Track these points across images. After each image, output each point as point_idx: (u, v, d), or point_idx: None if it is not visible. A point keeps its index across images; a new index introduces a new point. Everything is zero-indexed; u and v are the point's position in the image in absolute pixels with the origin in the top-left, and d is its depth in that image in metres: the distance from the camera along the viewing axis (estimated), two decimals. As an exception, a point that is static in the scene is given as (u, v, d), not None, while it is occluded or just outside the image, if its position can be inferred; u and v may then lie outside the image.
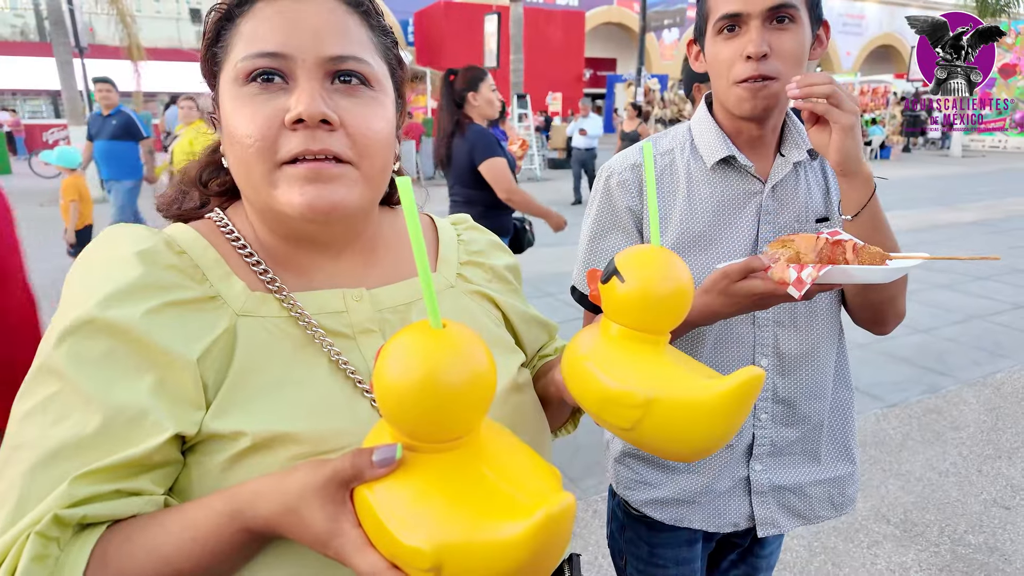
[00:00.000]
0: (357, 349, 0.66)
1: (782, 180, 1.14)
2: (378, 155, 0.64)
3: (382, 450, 0.47)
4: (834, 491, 1.25)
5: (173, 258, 0.62)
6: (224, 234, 0.68)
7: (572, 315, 4.95)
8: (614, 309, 0.60)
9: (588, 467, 2.95)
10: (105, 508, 0.52)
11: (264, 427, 0.56)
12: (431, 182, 13.60)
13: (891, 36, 31.92)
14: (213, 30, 0.64)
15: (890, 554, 2.42)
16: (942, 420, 3.43)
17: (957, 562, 2.37)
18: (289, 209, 0.61)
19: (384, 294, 0.71)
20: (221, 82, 0.64)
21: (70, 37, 11.23)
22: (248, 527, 0.51)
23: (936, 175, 14.85)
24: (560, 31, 23.43)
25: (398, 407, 0.46)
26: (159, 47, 21.72)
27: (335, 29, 0.62)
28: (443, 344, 0.46)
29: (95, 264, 0.61)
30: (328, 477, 0.48)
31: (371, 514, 0.47)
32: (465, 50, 20.92)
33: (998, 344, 4.45)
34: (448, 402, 0.45)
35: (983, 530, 2.54)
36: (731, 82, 1.05)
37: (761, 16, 1.00)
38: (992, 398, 3.68)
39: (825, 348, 1.18)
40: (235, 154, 0.62)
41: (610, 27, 27.64)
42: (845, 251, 0.89)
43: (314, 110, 0.58)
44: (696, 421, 0.54)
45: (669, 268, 0.59)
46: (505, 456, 0.51)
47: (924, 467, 2.99)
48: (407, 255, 0.76)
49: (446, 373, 0.45)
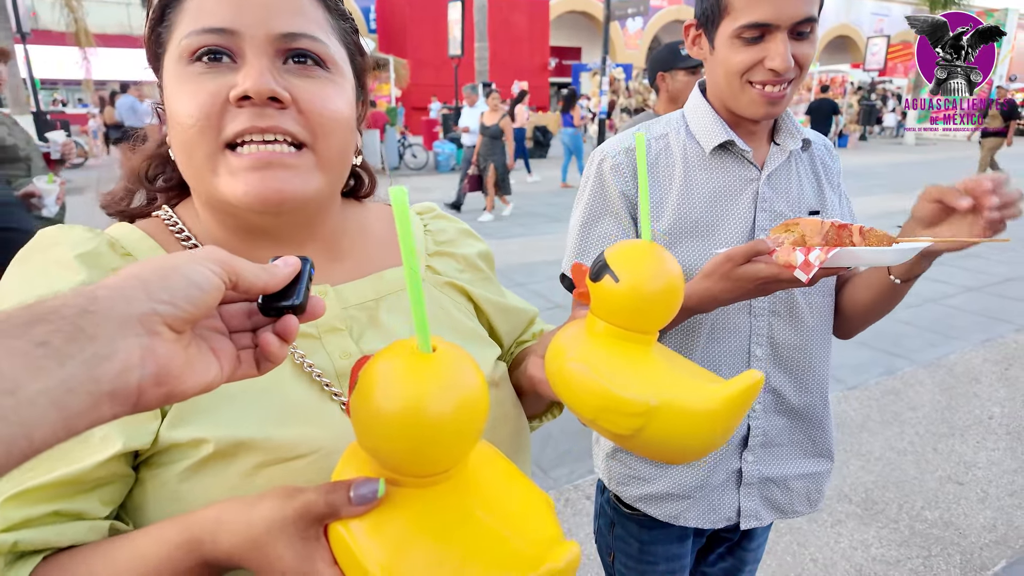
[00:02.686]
0: (323, 349, 0.62)
1: (777, 168, 1.13)
2: (335, 136, 0.60)
3: (361, 486, 0.43)
4: (812, 487, 1.26)
5: (117, 260, 0.58)
6: (173, 233, 0.64)
7: (544, 305, 4.96)
8: (605, 308, 0.57)
9: (559, 456, 2.95)
10: (41, 534, 0.48)
11: (227, 433, 0.53)
12: (396, 172, 13.43)
13: (847, 27, 32.67)
14: (158, 8, 0.59)
15: (852, 532, 2.49)
16: (900, 401, 3.54)
17: (915, 537, 2.45)
18: (234, 199, 0.57)
19: (350, 290, 0.67)
20: (165, 64, 0.60)
21: (12, 22, 10.69)
22: (206, 560, 0.46)
23: (891, 162, 15.33)
24: (525, 19, 23.31)
25: (380, 438, 0.41)
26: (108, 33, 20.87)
27: (288, 6, 0.58)
28: (433, 371, 0.41)
29: (32, 269, 0.56)
30: (300, 512, 0.44)
31: (349, 555, 0.42)
32: (429, 38, 20.67)
33: (951, 326, 4.61)
34: (437, 435, 0.41)
35: (939, 506, 2.64)
36: (745, 80, 1.03)
37: (788, 28, 0.99)
38: (946, 379, 3.81)
39: (817, 342, 1.18)
40: (176, 138, 0.58)
41: (574, 15, 27.59)
42: (852, 234, 0.87)
43: (262, 86, 0.54)
44: (698, 427, 0.52)
45: (661, 265, 0.56)
46: (496, 487, 0.48)
47: (883, 447, 3.08)
48: (373, 250, 0.73)
49: (436, 403, 0.40)
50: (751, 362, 1.15)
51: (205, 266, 0.39)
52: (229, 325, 0.44)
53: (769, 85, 1.02)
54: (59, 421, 0.31)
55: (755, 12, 0.99)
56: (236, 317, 0.45)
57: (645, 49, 28.28)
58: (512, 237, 7.42)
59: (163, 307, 0.36)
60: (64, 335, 0.32)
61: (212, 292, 0.39)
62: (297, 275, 0.45)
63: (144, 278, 0.36)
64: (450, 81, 13.49)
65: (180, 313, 0.37)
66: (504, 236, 7.43)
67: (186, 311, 0.37)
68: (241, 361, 0.43)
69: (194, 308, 0.38)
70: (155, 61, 0.62)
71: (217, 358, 0.41)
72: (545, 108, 23.53)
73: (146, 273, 0.37)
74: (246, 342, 0.45)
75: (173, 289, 0.37)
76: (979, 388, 3.68)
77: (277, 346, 0.44)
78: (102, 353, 0.33)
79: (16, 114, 10.27)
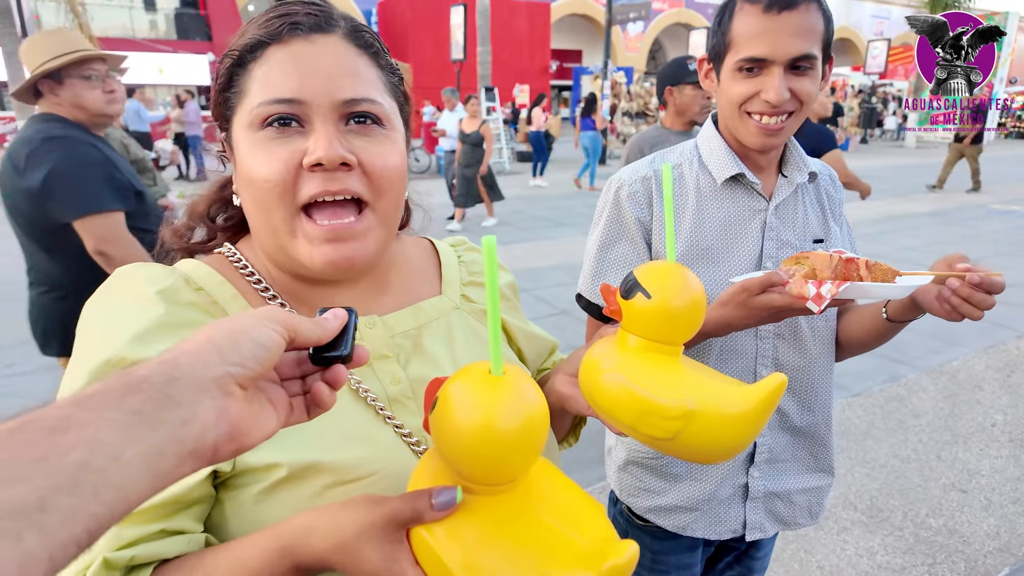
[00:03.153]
0: (374, 375, 0.67)
1: (784, 200, 1.19)
2: (393, 191, 0.66)
3: (442, 493, 0.48)
4: (813, 500, 1.31)
5: (192, 295, 0.63)
6: (237, 268, 0.69)
7: (548, 311, 4.99)
8: (636, 322, 0.62)
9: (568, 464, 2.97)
10: (152, 548, 0.53)
11: (298, 457, 0.58)
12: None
13: (847, 30, 32.74)
14: (226, 75, 0.64)
15: (858, 539, 2.52)
16: (903, 408, 3.58)
17: (920, 544, 2.48)
18: (311, 264, 0.63)
19: (395, 320, 0.72)
20: (235, 125, 0.64)
21: (16, 26, 10.73)
22: (299, 563, 0.51)
23: (892, 165, 15.35)
24: (526, 22, 23.36)
25: (459, 451, 0.47)
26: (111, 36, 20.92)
27: (347, 71, 0.63)
28: (504, 392, 0.47)
29: (115, 305, 0.61)
30: (387, 518, 0.49)
31: (432, 556, 0.47)
32: (431, 42, 20.70)
33: (952, 332, 4.64)
34: (508, 448, 0.46)
35: (943, 513, 2.67)
36: (743, 111, 1.09)
37: (784, 64, 1.04)
38: (948, 385, 3.85)
39: (820, 364, 1.24)
40: (252, 197, 0.63)
41: (575, 19, 27.66)
42: (859, 268, 0.93)
43: (333, 154, 0.60)
44: (732, 429, 0.57)
45: (688, 283, 0.62)
46: (556, 495, 0.53)
47: (888, 454, 3.11)
48: (412, 281, 0.78)
49: (507, 420, 0.46)
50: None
51: (269, 327, 0.43)
52: (281, 374, 0.48)
53: (766, 116, 1.08)
54: (151, 481, 0.35)
55: (752, 48, 1.06)
56: (287, 366, 0.49)
57: (646, 52, 28.33)
58: (516, 242, 7.45)
59: (235, 369, 0.40)
60: (155, 403, 0.35)
61: (275, 350, 0.43)
62: (345, 326, 0.49)
63: (217, 342, 0.40)
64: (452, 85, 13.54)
65: (249, 372, 0.41)
66: (508, 241, 7.46)
67: (254, 370, 0.41)
68: (293, 408, 0.48)
69: (260, 367, 0.42)
70: (223, 121, 0.66)
71: (274, 408, 0.45)
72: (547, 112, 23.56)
73: (218, 337, 0.41)
74: (296, 389, 0.49)
75: (243, 351, 0.41)
76: (982, 395, 3.71)
77: (328, 394, 0.48)
78: (186, 417, 0.36)
79: (21, 117, 10.31)
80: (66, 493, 0.30)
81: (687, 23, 27.82)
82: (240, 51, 0.63)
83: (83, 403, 0.33)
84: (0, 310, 5.02)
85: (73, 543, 0.30)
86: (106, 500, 0.32)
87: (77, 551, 0.31)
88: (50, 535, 0.29)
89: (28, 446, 0.30)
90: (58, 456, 0.31)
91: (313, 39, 0.63)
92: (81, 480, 0.31)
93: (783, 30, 1.03)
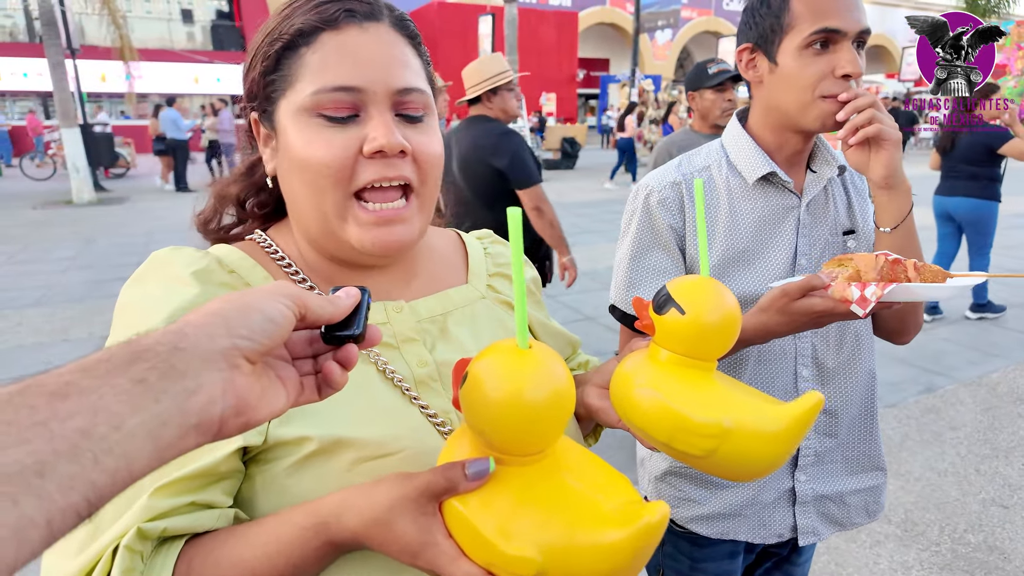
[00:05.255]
0: (401, 358, 0.68)
1: (815, 196, 1.16)
2: (436, 178, 0.69)
3: (475, 464, 0.49)
4: (869, 499, 1.27)
5: (226, 277, 0.64)
6: (269, 254, 0.70)
7: (573, 316, 4.97)
8: (670, 338, 0.61)
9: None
10: (183, 521, 0.54)
11: (328, 432, 0.58)
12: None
13: (882, 37, 32.14)
14: (273, 57, 0.65)
15: (892, 553, 2.45)
16: (940, 420, 3.47)
17: (958, 561, 2.40)
18: (360, 248, 0.65)
19: (421, 305, 0.73)
20: (281, 109, 0.65)
21: (62, 38, 11.13)
22: (332, 540, 0.52)
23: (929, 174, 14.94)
24: (553, 31, 23.44)
25: (490, 422, 0.48)
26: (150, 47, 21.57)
27: (399, 60, 0.64)
28: (532, 363, 0.48)
29: (152, 285, 0.62)
30: (421, 490, 0.49)
31: (467, 525, 0.48)
32: (459, 51, 20.89)
33: (993, 344, 4.50)
34: (537, 415, 0.47)
35: (982, 529, 2.58)
36: (816, 96, 1.04)
37: (854, 37, 1.02)
38: (988, 398, 3.72)
39: (860, 360, 1.21)
40: (306, 180, 0.64)
41: (603, 27, 27.68)
42: (907, 269, 0.90)
43: (394, 141, 0.61)
44: (767, 447, 0.57)
45: (723, 298, 0.61)
46: (583, 465, 0.54)
47: (923, 467, 3.02)
48: (439, 269, 0.79)
49: (536, 389, 0.47)
50: (798, 382, 1.18)
51: (279, 301, 0.42)
52: (292, 353, 0.48)
53: (844, 95, 1.02)
54: (154, 452, 0.34)
55: (826, 18, 1.01)
56: (298, 345, 0.48)
57: (674, 60, 28.18)
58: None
59: (242, 341, 0.39)
60: (159, 372, 0.35)
61: (285, 325, 0.42)
62: (357, 305, 0.49)
63: (225, 314, 0.40)
64: (480, 93, 13.70)
65: (257, 347, 0.40)
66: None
67: (262, 344, 0.40)
68: (304, 387, 0.47)
69: (269, 341, 0.41)
70: (264, 101, 0.67)
71: (283, 385, 0.44)
72: (573, 120, 23.59)
73: (227, 310, 0.40)
74: (307, 368, 0.48)
75: (251, 324, 0.40)
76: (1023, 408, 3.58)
77: (339, 374, 0.47)
78: (190, 387, 0.36)
79: (64, 126, 10.68)
80: (66, 459, 0.29)
81: (716, 31, 27.60)
82: (292, 35, 0.63)
83: (86, 370, 0.33)
84: (37, 313, 5.20)
85: (72, 511, 0.29)
86: (107, 468, 0.31)
87: (76, 520, 0.30)
88: (47, 501, 0.28)
89: (28, 409, 0.30)
90: (59, 421, 0.30)
91: (367, 27, 0.64)
92: (81, 447, 0.30)
93: (851, 1, 1.00)
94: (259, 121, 0.69)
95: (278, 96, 0.65)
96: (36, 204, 10.82)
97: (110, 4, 14.73)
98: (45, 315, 4.99)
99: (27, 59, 20.61)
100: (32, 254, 7.21)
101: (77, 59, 12.59)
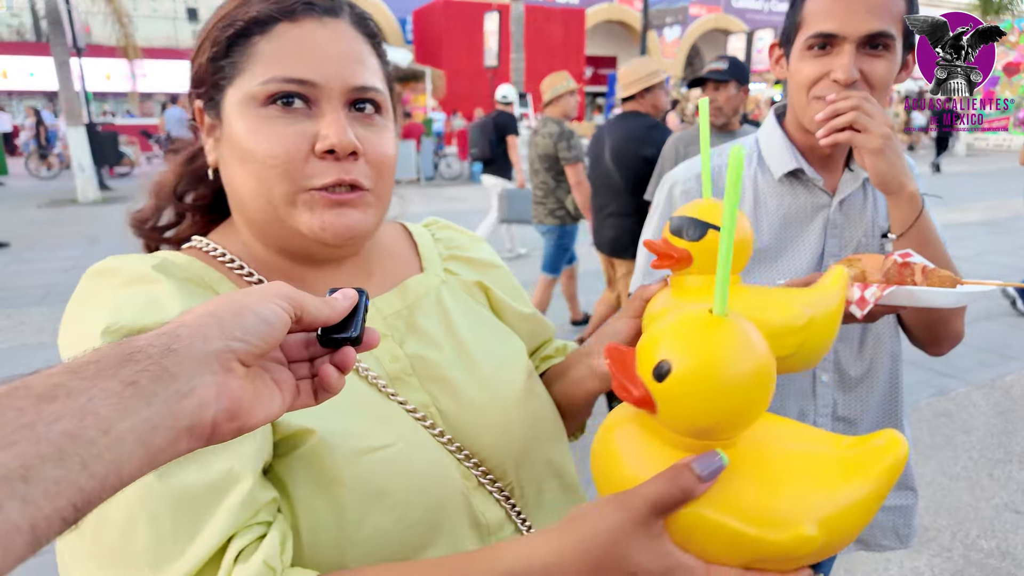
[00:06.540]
0: (371, 356, 0.66)
1: (850, 195, 1.12)
2: (389, 178, 0.67)
3: (704, 462, 0.44)
4: (899, 521, 1.21)
5: (184, 272, 0.61)
6: (215, 257, 0.66)
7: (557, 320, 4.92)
8: (709, 260, 0.62)
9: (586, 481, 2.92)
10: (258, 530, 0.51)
11: (324, 424, 0.56)
12: (431, 182, 13.57)
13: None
14: (223, 42, 0.62)
15: (903, 559, 2.40)
16: (952, 424, 3.41)
17: (970, 567, 2.35)
18: (311, 234, 0.62)
19: (383, 302, 0.71)
20: (227, 96, 0.62)
21: (68, 37, 11.15)
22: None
23: (941, 174, 14.84)
24: (560, 29, 23.36)
25: (724, 403, 0.43)
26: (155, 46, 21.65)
27: (356, 58, 0.63)
28: (746, 332, 0.44)
29: (106, 297, 0.56)
30: (650, 506, 0.44)
31: (711, 528, 0.44)
32: (465, 49, 20.89)
33: (1007, 346, 4.43)
34: (769, 387, 0.43)
35: (995, 535, 2.52)
36: (811, 97, 1.02)
37: (856, 41, 0.97)
38: (1002, 401, 3.65)
39: (885, 369, 1.16)
40: (250, 172, 0.61)
41: (610, 25, 27.57)
42: (914, 273, 0.86)
43: (346, 141, 0.59)
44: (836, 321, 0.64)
45: (740, 222, 0.64)
46: (770, 427, 0.49)
47: (935, 471, 2.96)
48: (392, 263, 0.78)
49: (769, 359, 0.43)
50: (817, 387, 1.14)
51: (275, 303, 0.41)
52: (288, 355, 0.46)
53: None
54: (144, 456, 0.32)
55: (822, 23, 0.99)
56: (295, 348, 0.46)
57: (683, 58, 28.05)
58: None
59: (236, 343, 0.38)
60: (150, 375, 0.33)
61: (280, 327, 0.41)
62: (354, 307, 0.47)
63: (219, 316, 0.38)
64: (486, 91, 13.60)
65: (252, 349, 0.38)
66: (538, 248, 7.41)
67: (257, 346, 0.39)
68: (300, 391, 0.45)
69: (264, 343, 0.39)
70: (211, 88, 0.64)
71: (279, 389, 0.43)
72: (580, 118, 23.52)
73: (221, 311, 0.39)
74: (303, 372, 0.46)
75: (246, 326, 0.39)
76: (1038, 411, 3.52)
77: (336, 377, 0.45)
78: (183, 390, 0.34)
79: (70, 125, 10.70)
80: (52, 463, 0.28)
81: (725, 28, 27.43)
82: (247, 22, 0.61)
83: (76, 371, 0.32)
84: (41, 312, 5.20)
85: (58, 516, 0.28)
86: (96, 473, 0.30)
87: (63, 526, 0.29)
88: (32, 506, 0.27)
89: (15, 412, 0.29)
90: (45, 424, 0.29)
91: (325, 22, 0.62)
92: (68, 451, 0.29)
93: (856, 3, 0.96)
94: (203, 110, 0.66)
95: (226, 84, 0.62)
96: (41, 203, 10.87)
97: (115, 3, 14.73)
98: (49, 314, 4.99)
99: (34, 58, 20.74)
100: (36, 253, 7.23)
101: (83, 58, 12.63)
